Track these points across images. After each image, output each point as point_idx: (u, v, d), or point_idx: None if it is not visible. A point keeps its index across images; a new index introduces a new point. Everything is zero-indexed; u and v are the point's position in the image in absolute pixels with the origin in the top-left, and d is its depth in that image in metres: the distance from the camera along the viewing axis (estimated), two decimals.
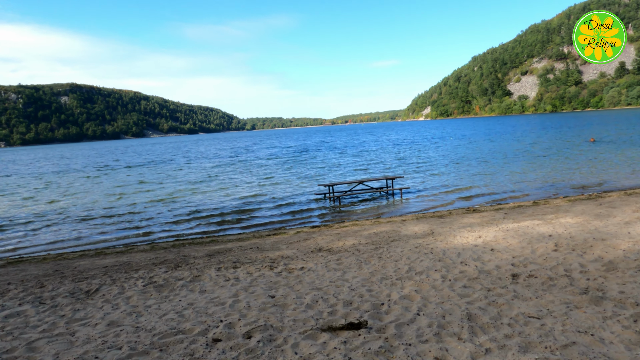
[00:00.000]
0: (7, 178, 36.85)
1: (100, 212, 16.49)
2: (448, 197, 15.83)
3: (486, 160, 27.21)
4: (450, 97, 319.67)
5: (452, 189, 17.30)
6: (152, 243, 11.08)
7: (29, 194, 23.97)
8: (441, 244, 8.02)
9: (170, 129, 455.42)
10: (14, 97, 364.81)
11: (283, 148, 60.31)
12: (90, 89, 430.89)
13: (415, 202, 15.09)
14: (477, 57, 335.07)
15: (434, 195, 16.29)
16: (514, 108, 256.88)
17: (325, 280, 6.28)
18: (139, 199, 19.27)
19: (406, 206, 14.51)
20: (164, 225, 13.63)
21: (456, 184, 18.68)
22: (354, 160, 33.95)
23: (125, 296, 6.14)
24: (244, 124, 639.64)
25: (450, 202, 14.90)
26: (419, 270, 6.41)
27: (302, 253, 8.23)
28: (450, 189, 17.49)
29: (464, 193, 16.31)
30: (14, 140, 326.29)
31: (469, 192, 16.51)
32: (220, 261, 8.00)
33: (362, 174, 24.60)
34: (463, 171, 22.58)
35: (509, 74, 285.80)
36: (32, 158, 79.54)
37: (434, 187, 18.12)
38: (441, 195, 16.24)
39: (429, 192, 16.99)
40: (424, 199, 15.55)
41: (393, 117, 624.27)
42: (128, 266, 8.24)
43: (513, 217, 10.47)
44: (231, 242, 10.35)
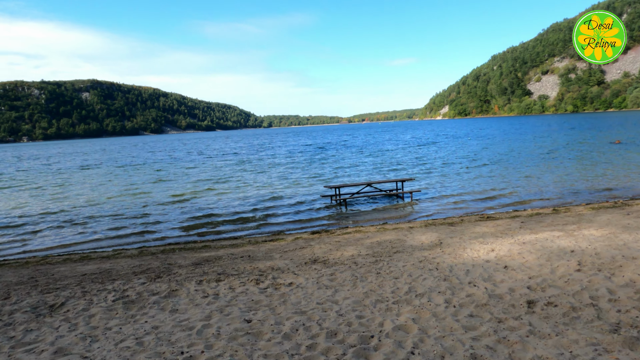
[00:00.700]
0: (23, 172, 36.96)
1: (106, 211, 16.02)
2: (461, 201, 14.92)
3: (504, 162, 26.10)
4: (468, 96, 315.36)
5: (466, 193, 16.38)
6: (141, 247, 10.48)
7: (38, 191, 23.75)
8: (449, 258, 7.20)
9: (188, 125, 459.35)
10: (37, 92, 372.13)
11: (299, 146, 59.57)
12: (110, 85, 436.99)
13: (426, 207, 14.23)
14: (496, 56, 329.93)
15: (446, 199, 15.40)
16: (533, 108, 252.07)
17: (312, 301, 5.53)
18: (147, 198, 18.73)
19: (415, 211, 13.66)
20: (163, 227, 13.04)
21: (471, 187, 17.74)
22: (370, 160, 32.90)
23: (88, 314, 5.49)
24: (261, 121, 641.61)
25: (462, 207, 14.00)
26: (420, 291, 5.62)
27: (294, 265, 7.49)
28: (464, 192, 16.57)
29: (478, 197, 15.39)
30: (36, 135, 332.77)
31: (484, 196, 15.57)
32: (204, 272, 7.32)
33: (378, 174, 23.72)
34: (479, 173, 21.57)
35: (529, 73, 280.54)
36: (53, 152, 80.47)
37: (447, 190, 17.21)
38: (454, 199, 15.34)
39: (441, 195, 16.10)
40: (435, 203, 14.68)
41: (410, 116, 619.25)
42: (107, 275, 7.62)
43: (530, 227, 9.58)
44: (224, 248, 9.68)
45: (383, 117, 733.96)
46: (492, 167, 23.56)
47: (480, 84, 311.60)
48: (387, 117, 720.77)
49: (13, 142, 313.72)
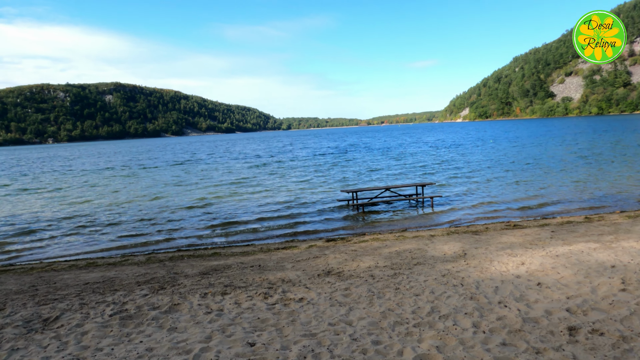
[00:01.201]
0: (47, 174, 37.40)
1: (123, 215, 15.80)
2: (485, 207, 14.20)
3: (530, 166, 25.13)
4: (489, 98, 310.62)
5: (491, 199, 15.63)
6: (150, 254, 10.10)
7: (61, 193, 23.82)
8: (474, 273, 6.59)
9: (209, 127, 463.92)
10: (62, 95, 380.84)
11: (320, 149, 58.99)
12: (133, 88, 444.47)
13: (447, 213, 13.56)
14: (518, 57, 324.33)
15: (469, 205, 14.69)
16: (556, 110, 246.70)
17: (324, 320, 5.01)
18: (163, 202, 18.46)
19: (436, 218, 13.01)
20: (175, 232, 12.69)
21: (496, 192, 16.97)
22: (393, 164, 32.00)
23: (81, 330, 5.07)
24: (280, 123, 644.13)
25: (487, 214, 13.29)
26: (444, 312, 5.04)
27: (306, 277, 6.98)
28: (489, 198, 15.82)
29: (504, 203, 14.63)
30: (61, 136, 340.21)
31: (510, 202, 14.81)
32: (210, 283, 6.86)
33: (401, 178, 22.99)
34: (504, 178, 20.72)
35: (552, 75, 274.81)
36: (76, 154, 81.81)
37: (470, 195, 16.48)
38: (477, 205, 14.61)
39: (464, 201, 15.38)
40: (458, 210, 13.98)
41: (430, 119, 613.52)
42: (110, 284, 7.23)
43: (562, 237, 8.88)
44: (234, 256, 9.23)
45: (402, 119, 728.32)
46: (518, 172, 22.65)
47: (502, 85, 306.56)
48: (407, 120, 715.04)
49: (39, 143, 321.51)
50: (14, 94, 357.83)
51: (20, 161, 65.46)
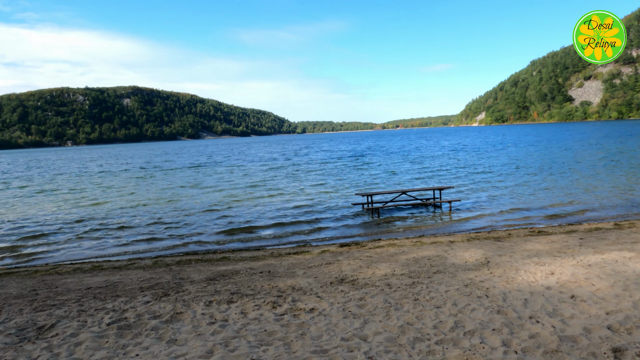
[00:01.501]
0: (64, 175, 37.68)
1: (137, 218, 15.59)
2: (506, 213, 13.60)
3: (553, 170, 24.28)
4: (506, 102, 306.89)
5: (512, 203, 15.02)
6: (157, 257, 9.78)
7: (76, 195, 23.82)
8: (500, 283, 6.09)
9: (224, 131, 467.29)
10: (81, 99, 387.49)
11: (336, 152, 58.49)
12: (150, 92, 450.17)
13: (467, 218, 13.00)
14: (536, 61, 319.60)
15: (489, 209, 14.10)
16: (575, 114, 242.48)
17: (336, 335, 4.57)
18: (178, 205, 18.18)
19: (455, 223, 12.47)
20: (187, 235, 12.37)
21: (517, 197, 16.33)
22: (410, 167, 31.26)
23: (75, 341, 4.72)
24: (295, 127, 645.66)
25: (508, 218, 12.71)
26: (469, 327, 4.57)
27: (319, 284, 6.55)
28: (510, 203, 15.21)
29: (526, 208, 14.01)
30: (80, 139, 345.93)
31: (532, 207, 14.18)
32: (216, 290, 6.48)
33: (419, 182, 22.37)
34: (524, 182, 20.03)
35: (570, 79, 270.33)
36: (95, 156, 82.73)
37: (491, 200, 15.87)
38: (498, 210, 14.02)
39: (484, 206, 14.79)
40: (477, 214, 13.41)
41: (445, 123, 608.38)
42: (112, 289, 6.90)
43: (593, 245, 8.30)
44: (244, 261, 8.84)
45: (417, 123, 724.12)
46: (540, 176, 21.92)
47: (519, 89, 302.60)
48: (422, 124, 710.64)
49: (58, 146, 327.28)
50: (35, 97, 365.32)
51: (40, 162, 66.37)
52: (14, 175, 41.54)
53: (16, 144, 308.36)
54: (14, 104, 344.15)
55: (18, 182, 33.36)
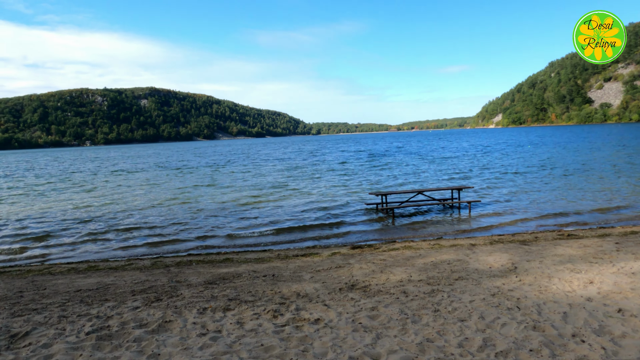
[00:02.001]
0: (81, 174, 37.69)
1: (150, 217, 15.14)
2: (530, 214, 12.76)
3: (578, 170, 23.23)
4: (523, 104, 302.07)
5: (536, 205, 14.16)
6: (157, 258, 9.22)
7: (91, 194, 23.57)
8: (532, 292, 5.36)
9: (239, 132, 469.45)
10: (100, 99, 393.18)
11: (353, 153, 57.48)
12: (167, 93, 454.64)
13: (488, 220, 12.20)
14: (554, 62, 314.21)
15: (511, 211, 13.27)
16: (594, 117, 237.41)
17: (344, 352, 3.91)
18: (192, 204, 17.55)
19: (476, 225, 11.68)
20: (193, 236, 11.83)
21: (541, 198, 15.46)
22: (436, 168, 29.90)
23: (47, 353, 4.13)
24: (310, 128, 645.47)
25: (532, 221, 11.87)
26: (501, 347, 3.86)
27: (326, 291, 5.90)
28: (534, 204, 14.35)
29: (551, 210, 13.15)
30: (98, 139, 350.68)
31: (558, 208, 13.32)
32: (213, 296, 5.87)
33: (437, 182, 21.49)
34: (549, 183, 19.09)
35: (590, 81, 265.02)
36: (112, 155, 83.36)
37: (513, 201, 15.01)
38: (522, 211, 13.18)
39: (506, 207, 13.96)
40: (499, 216, 12.60)
41: (461, 124, 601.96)
42: (102, 293, 6.34)
43: (632, 250, 7.48)
44: (247, 263, 8.23)
45: (433, 125, 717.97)
46: (565, 177, 20.90)
47: (537, 91, 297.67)
48: (437, 125, 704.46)
49: (77, 145, 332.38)
50: (55, 98, 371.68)
51: (64, 162, 67.00)
52: (33, 172, 41.75)
53: (36, 144, 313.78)
54: (34, 105, 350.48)
55: (34, 179, 33.39)
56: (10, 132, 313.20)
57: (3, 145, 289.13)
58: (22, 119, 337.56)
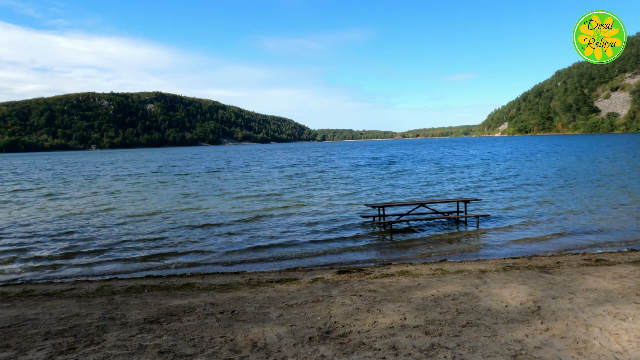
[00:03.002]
0: (78, 179, 36.51)
1: (132, 229, 13.82)
2: (546, 231, 11.27)
3: (597, 182, 21.54)
4: (530, 112, 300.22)
5: (553, 219, 12.67)
6: (109, 280, 7.81)
7: (84, 200, 22.31)
8: (567, 353, 3.92)
9: (244, 137, 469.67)
10: (107, 103, 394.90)
11: (360, 159, 55.60)
12: (173, 98, 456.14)
13: (499, 238, 10.73)
14: (561, 71, 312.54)
15: (526, 228, 11.79)
16: (601, 126, 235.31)
17: None
18: (182, 214, 16.40)
19: (485, 243, 10.22)
20: (161, 251, 10.48)
21: (558, 211, 13.96)
22: (448, 177, 27.95)
23: None
24: (315, 134, 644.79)
25: (551, 239, 10.40)
26: None
27: (292, 340, 4.48)
28: (550, 218, 12.86)
29: (569, 228, 11.67)
30: (104, 143, 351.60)
31: (579, 225, 11.84)
32: (142, 345, 4.45)
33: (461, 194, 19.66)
34: (565, 195, 17.51)
35: (596, 90, 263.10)
36: (119, 159, 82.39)
37: (526, 215, 13.50)
38: (537, 227, 11.71)
39: (519, 223, 12.45)
40: (512, 234, 11.12)
41: (467, 132, 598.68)
42: (11, 333, 4.95)
43: None
44: (210, 290, 6.81)
45: (438, 132, 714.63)
46: (582, 189, 19.24)
47: (543, 100, 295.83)
48: (443, 133, 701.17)
49: (83, 149, 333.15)
50: (62, 101, 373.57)
51: (67, 165, 66.05)
52: (25, 177, 40.64)
53: (42, 147, 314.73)
54: (41, 108, 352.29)
55: (28, 184, 32.23)
56: (16, 135, 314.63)
57: (9, 148, 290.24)
58: (29, 122, 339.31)
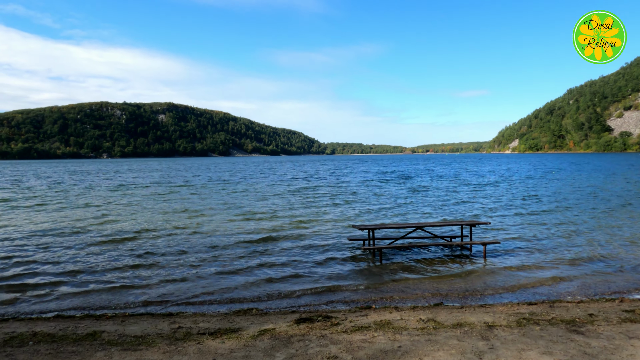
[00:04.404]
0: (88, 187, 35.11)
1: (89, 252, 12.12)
2: (574, 267, 9.20)
3: (623, 205, 18.85)
4: (541, 130, 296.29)
5: (580, 252, 10.51)
6: (5, 320, 6.04)
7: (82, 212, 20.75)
8: None
9: (254, 149, 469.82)
10: (119, 113, 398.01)
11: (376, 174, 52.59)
12: (184, 109, 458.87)
13: (512, 273, 8.72)
14: (573, 89, 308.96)
15: (544, 259, 9.77)
16: (614, 145, 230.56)
17: None
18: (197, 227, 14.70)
19: (493, 281, 8.23)
20: (90, 287, 8.71)
21: (582, 241, 11.78)
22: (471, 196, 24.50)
23: None
24: (324, 148, 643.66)
25: (576, 279, 8.39)
26: None
27: None
28: (576, 251, 10.67)
29: (602, 261, 9.66)
30: (115, 152, 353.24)
31: (610, 258, 9.81)
32: None
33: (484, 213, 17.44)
34: (596, 222, 14.87)
35: (609, 109, 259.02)
36: (134, 168, 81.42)
37: (545, 243, 11.41)
38: (559, 261, 9.62)
39: (536, 253, 10.41)
40: (527, 269, 9.06)
41: (477, 149, 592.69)
42: None
43: None
44: (114, 346, 4.95)
45: (448, 148, 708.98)
46: (614, 215, 16.59)
47: (555, 118, 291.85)
48: (453, 149, 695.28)
49: (94, 158, 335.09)
50: (75, 110, 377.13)
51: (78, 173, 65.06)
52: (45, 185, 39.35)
53: (55, 155, 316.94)
54: (55, 116, 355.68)
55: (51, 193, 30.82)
56: (30, 142, 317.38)
57: (22, 155, 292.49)
58: (42, 129, 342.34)
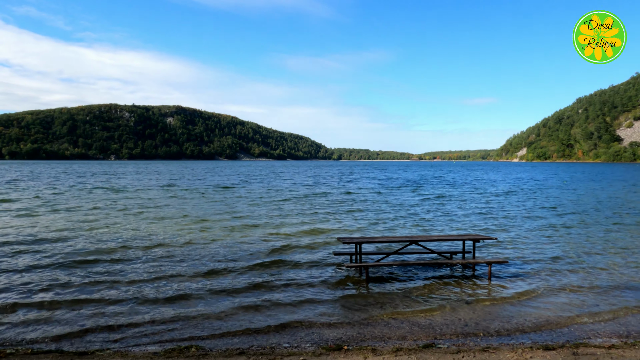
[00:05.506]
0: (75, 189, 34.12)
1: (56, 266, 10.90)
2: (601, 296, 7.66)
3: None
4: (549, 139, 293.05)
5: (608, 277, 8.97)
6: None
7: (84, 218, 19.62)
8: None
9: (261, 153, 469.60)
10: (128, 115, 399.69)
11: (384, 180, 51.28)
12: (193, 112, 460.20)
13: (523, 302, 7.24)
14: (582, 98, 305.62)
15: (564, 285, 8.24)
16: (623, 155, 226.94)
17: None
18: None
19: (500, 312, 6.80)
20: None
21: (613, 263, 10.18)
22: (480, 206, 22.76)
23: None
24: (331, 153, 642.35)
25: (607, 312, 6.95)
26: None
27: None
28: (603, 275, 9.13)
29: (620, 284, 8.24)
30: (123, 154, 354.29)
31: (631, 281, 8.40)
32: None
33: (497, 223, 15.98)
34: (628, 238, 13.28)
35: (619, 118, 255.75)
36: (144, 170, 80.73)
37: (564, 263, 9.97)
38: (582, 288, 8.10)
39: (554, 276, 8.89)
40: (541, 295, 7.60)
41: (484, 157, 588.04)
42: None
43: None
44: None
45: (455, 156, 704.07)
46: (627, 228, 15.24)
47: (563, 127, 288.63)
48: (460, 157, 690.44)
49: (102, 159, 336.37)
50: (84, 111, 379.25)
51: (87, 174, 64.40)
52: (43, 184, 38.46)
53: (63, 155, 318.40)
54: (64, 117, 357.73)
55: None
56: (39, 143, 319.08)
57: (31, 155, 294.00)
58: (52, 130, 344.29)
